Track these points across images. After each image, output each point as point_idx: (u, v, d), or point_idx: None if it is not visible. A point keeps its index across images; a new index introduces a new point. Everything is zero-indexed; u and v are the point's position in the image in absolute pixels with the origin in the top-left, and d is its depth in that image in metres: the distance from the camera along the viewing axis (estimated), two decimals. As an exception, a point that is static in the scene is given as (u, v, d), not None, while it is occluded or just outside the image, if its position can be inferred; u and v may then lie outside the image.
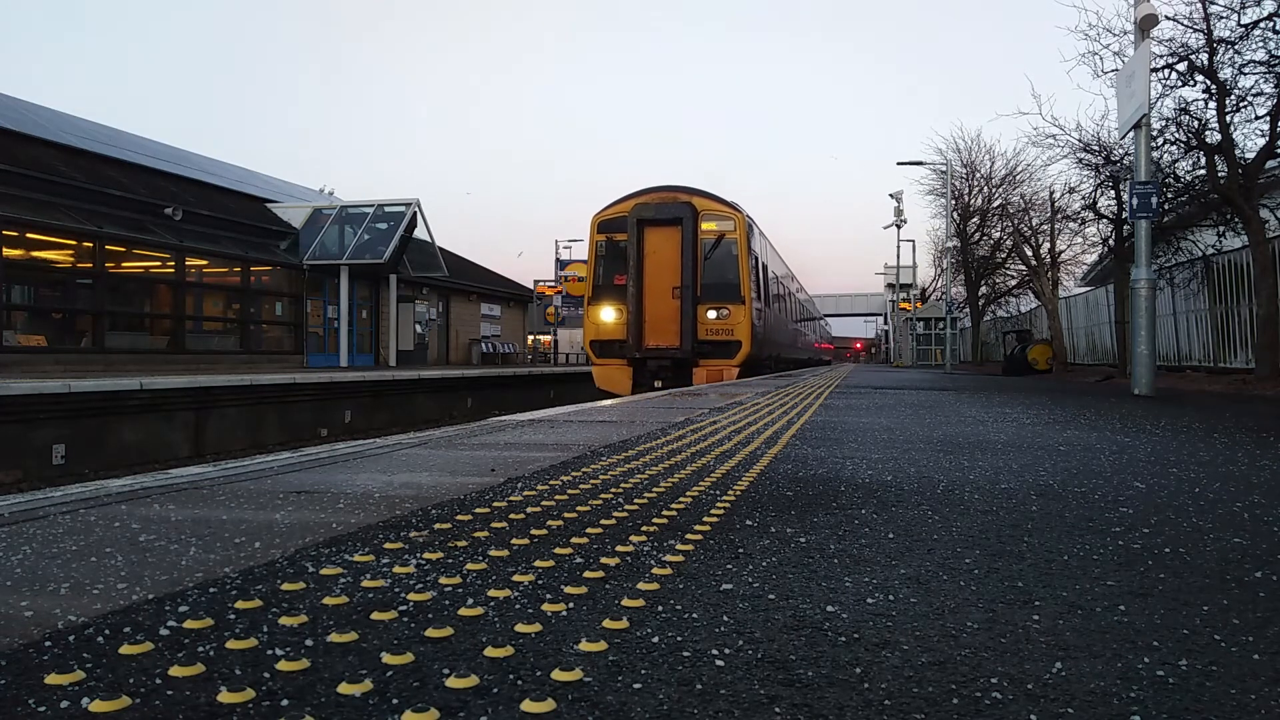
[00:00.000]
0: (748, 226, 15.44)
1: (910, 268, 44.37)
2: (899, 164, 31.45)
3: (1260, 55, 12.53)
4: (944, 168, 30.07)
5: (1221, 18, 12.59)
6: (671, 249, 14.60)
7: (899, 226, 37.53)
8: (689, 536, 1.75)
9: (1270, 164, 12.99)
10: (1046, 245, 24.51)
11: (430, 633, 1.14)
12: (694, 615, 1.24)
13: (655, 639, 1.13)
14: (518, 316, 37.47)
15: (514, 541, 1.68)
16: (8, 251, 14.91)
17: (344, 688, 0.95)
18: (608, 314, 14.91)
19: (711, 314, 14.52)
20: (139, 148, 22.08)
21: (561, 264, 39.79)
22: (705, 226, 14.86)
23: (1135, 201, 9.86)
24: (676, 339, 14.50)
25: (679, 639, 1.13)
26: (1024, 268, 27.01)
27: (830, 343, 58.61)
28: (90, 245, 16.27)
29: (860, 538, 1.78)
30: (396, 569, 1.47)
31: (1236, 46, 12.62)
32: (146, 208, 17.94)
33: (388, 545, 1.64)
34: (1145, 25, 9.88)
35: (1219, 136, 12.96)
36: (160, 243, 17.85)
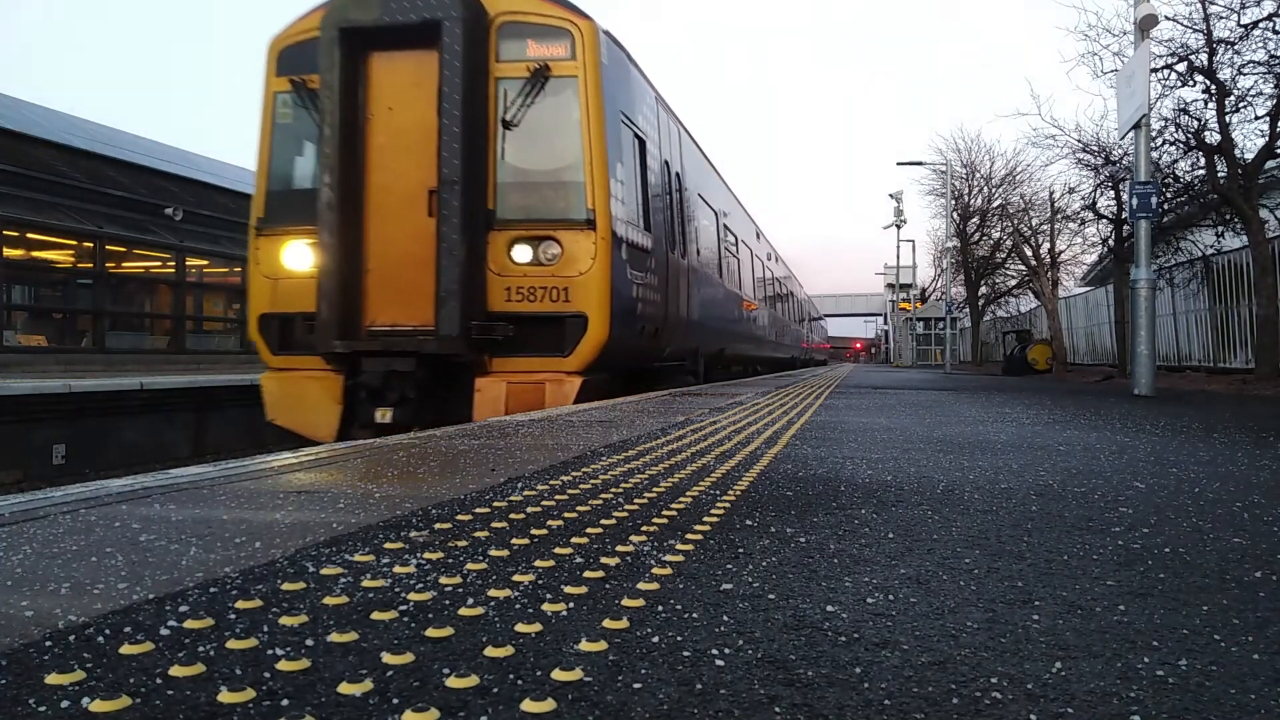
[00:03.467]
0: (610, 59, 7.30)
1: (910, 268, 44.42)
2: (899, 164, 31.51)
3: (1260, 55, 12.54)
4: (944, 168, 30.10)
5: (1221, 18, 12.60)
6: (425, 104, 6.75)
7: (899, 226, 37.55)
8: (689, 536, 1.75)
9: (1270, 164, 13.00)
10: (1046, 245, 24.53)
11: (430, 632, 1.14)
12: (694, 615, 1.24)
13: (655, 639, 1.13)
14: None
15: (514, 541, 1.68)
16: (8, 251, 14.90)
17: (344, 687, 0.95)
18: (295, 257, 7.06)
19: (522, 253, 6.78)
20: (139, 148, 22.07)
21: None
22: (505, 51, 6.96)
23: (1135, 201, 9.87)
24: (432, 310, 6.59)
25: (679, 639, 1.13)
26: (1024, 268, 27.02)
27: (826, 341, 57.78)
28: (90, 245, 16.27)
29: (860, 538, 1.78)
30: (397, 569, 1.47)
31: (1236, 47, 12.63)
32: (147, 208, 17.94)
33: (388, 545, 1.64)
34: (1145, 25, 9.88)
35: (1219, 137, 12.97)
36: (160, 243, 17.86)
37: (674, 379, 10.43)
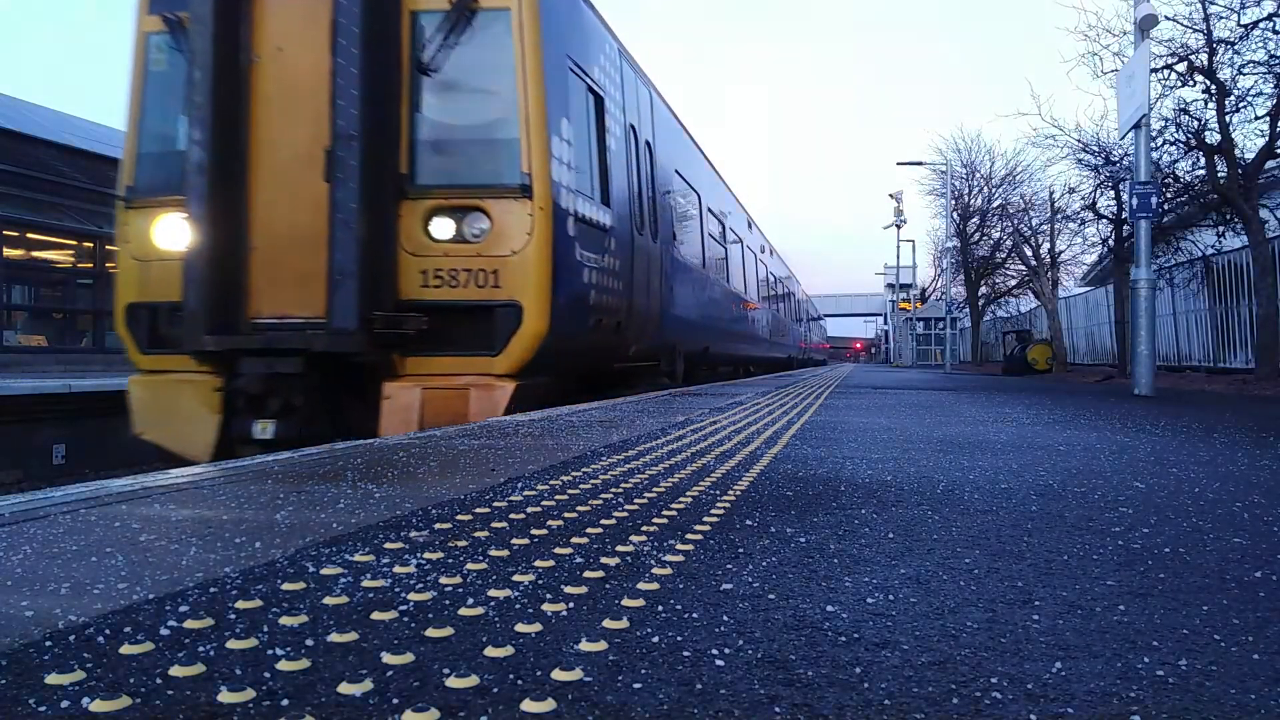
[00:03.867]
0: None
1: (910, 268, 44.43)
2: (899, 164, 31.53)
3: (1260, 55, 12.55)
4: (944, 168, 30.11)
5: (1221, 18, 12.61)
6: (325, 44, 5.50)
7: (899, 226, 37.56)
8: (689, 536, 1.75)
9: (1270, 164, 13.01)
10: (1046, 245, 24.53)
11: (430, 632, 1.14)
12: (694, 615, 1.24)
13: (655, 639, 1.13)
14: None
15: (514, 541, 1.68)
16: (8, 251, 14.91)
17: (344, 687, 0.95)
18: (169, 233, 5.78)
19: (443, 227, 5.59)
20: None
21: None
22: None
23: (1135, 201, 9.88)
24: (324, 297, 5.36)
25: (679, 639, 1.13)
26: (1024, 268, 27.02)
27: (825, 341, 57.51)
28: (90, 245, 16.28)
29: (860, 538, 1.78)
30: (397, 569, 1.47)
31: (1236, 47, 12.64)
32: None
33: (388, 545, 1.64)
34: (1145, 25, 9.89)
35: (1219, 137, 12.97)
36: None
37: (646, 382, 9.13)
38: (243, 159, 5.52)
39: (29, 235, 15.63)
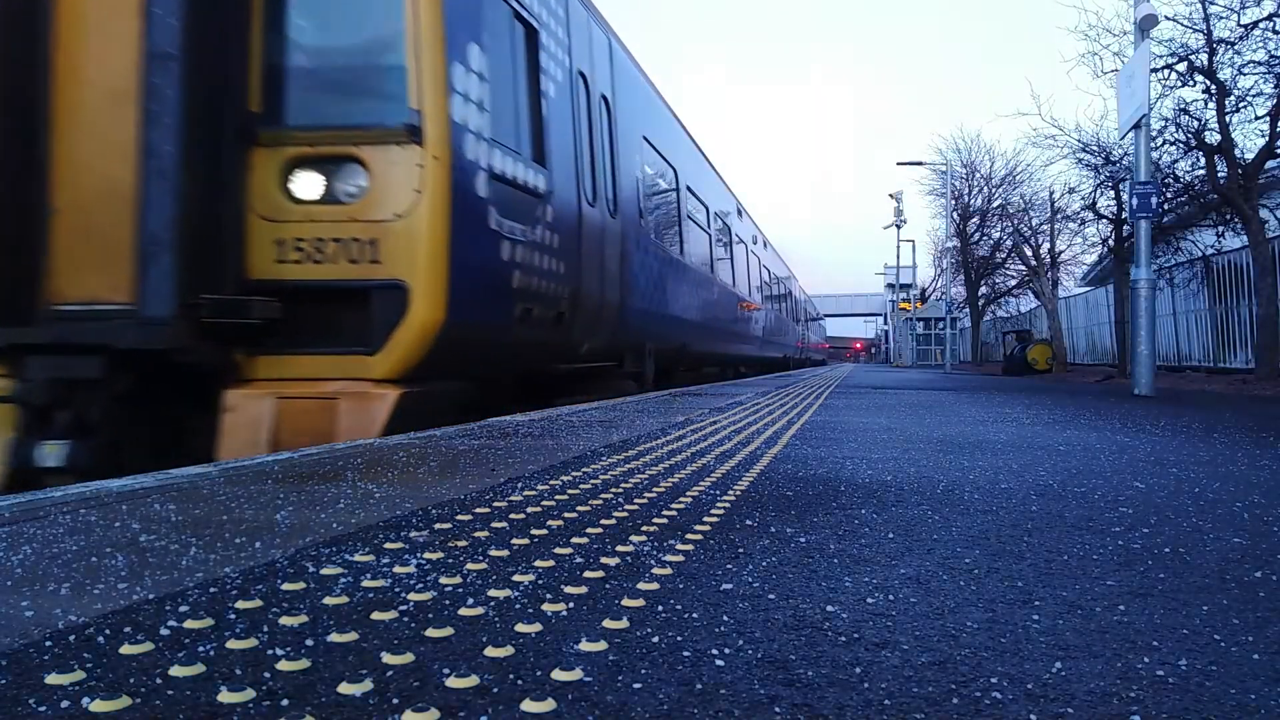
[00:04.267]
0: None
1: (910, 268, 44.43)
2: (899, 164, 31.54)
3: (1260, 55, 12.56)
4: (944, 168, 30.13)
5: (1221, 18, 12.62)
6: None
7: (899, 226, 37.57)
8: (689, 536, 1.75)
9: (1270, 164, 13.01)
10: (1046, 245, 24.55)
11: (430, 632, 1.14)
12: (694, 615, 1.24)
13: (655, 639, 1.13)
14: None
15: (514, 541, 1.69)
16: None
17: (344, 687, 0.95)
18: None
19: (307, 183, 4.26)
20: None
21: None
22: None
23: (1135, 201, 9.88)
24: (128, 279, 3.98)
25: (679, 639, 1.13)
26: (1024, 268, 27.04)
27: (825, 341, 57.43)
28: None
29: (860, 538, 1.78)
30: (397, 569, 1.47)
31: (1236, 47, 12.65)
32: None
33: (388, 545, 1.64)
34: (1145, 25, 9.89)
35: (1219, 137, 12.99)
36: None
37: (605, 386, 7.90)
38: (42, 95, 4.13)
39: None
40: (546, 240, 5.67)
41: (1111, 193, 17.99)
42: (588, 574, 1.45)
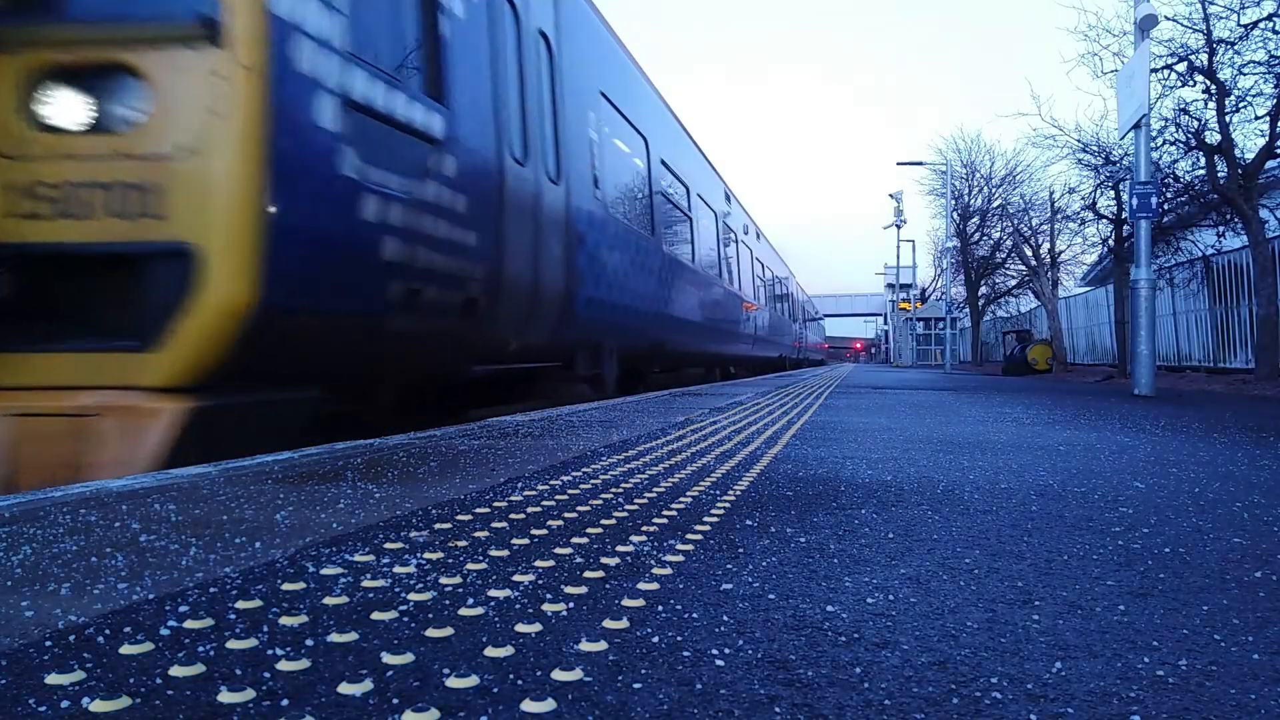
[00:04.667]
0: None
1: (910, 268, 44.44)
2: (899, 164, 31.55)
3: (1260, 55, 12.56)
4: (944, 168, 30.14)
5: (1221, 18, 12.62)
6: None
7: (899, 226, 37.57)
8: (689, 536, 1.75)
9: (1270, 164, 13.01)
10: (1046, 245, 24.55)
11: (430, 633, 1.14)
12: (694, 615, 1.24)
13: (655, 639, 1.13)
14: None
15: (514, 541, 1.69)
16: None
17: (344, 687, 0.95)
18: None
19: (57, 102, 2.96)
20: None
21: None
22: None
23: (1135, 201, 9.88)
24: None
25: (679, 639, 1.13)
26: (1024, 268, 27.04)
27: (824, 341, 57.39)
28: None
29: (860, 537, 1.78)
30: (397, 569, 1.47)
31: (1236, 47, 12.65)
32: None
33: (388, 545, 1.64)
34: (1145, 26, 9.89)
35: (1219, 137, 12.98)
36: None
37: (549, 392, 6.74)
38: None
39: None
40: (445, 201, 4.35)
41: (1111, 193, 17.99)
42: (588, 574, 1.45)
